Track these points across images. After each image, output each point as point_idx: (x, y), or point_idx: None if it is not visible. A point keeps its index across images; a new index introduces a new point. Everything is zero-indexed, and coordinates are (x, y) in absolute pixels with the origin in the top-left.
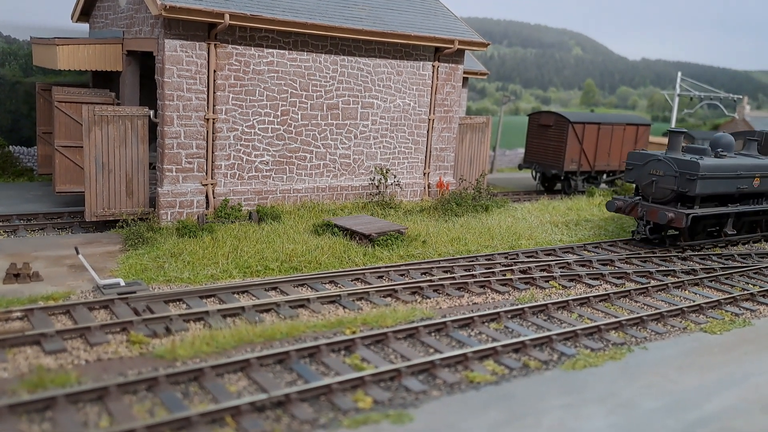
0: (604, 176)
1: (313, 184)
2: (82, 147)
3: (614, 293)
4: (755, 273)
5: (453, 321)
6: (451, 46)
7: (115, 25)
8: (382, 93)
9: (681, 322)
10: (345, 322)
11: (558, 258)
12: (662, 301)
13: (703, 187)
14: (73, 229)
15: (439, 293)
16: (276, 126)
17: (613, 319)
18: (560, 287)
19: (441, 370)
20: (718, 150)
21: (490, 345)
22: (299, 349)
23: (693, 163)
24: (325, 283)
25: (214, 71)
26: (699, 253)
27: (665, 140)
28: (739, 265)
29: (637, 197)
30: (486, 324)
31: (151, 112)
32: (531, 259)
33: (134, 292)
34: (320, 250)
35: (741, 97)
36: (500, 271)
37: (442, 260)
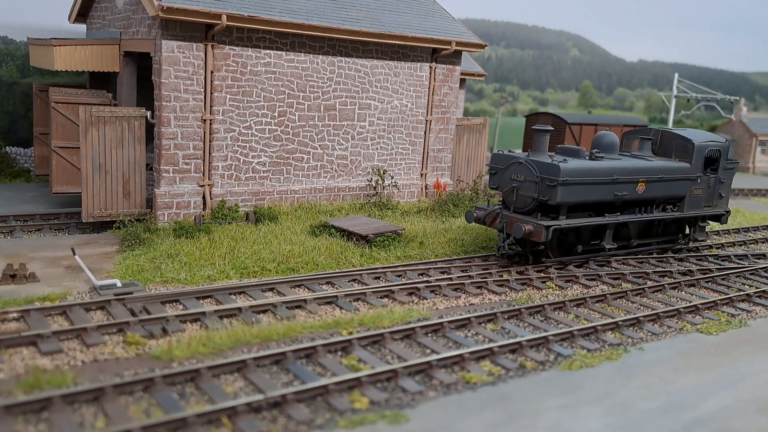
0: None
1: (311, 185)
2: (79, 148)
3: (611, 294)
4: (751, 274)
5: (450, 322)
6: (449, 47)
7: (113, 25)
8: (380, 94)
9: (677, 322)
10: (342, 322)
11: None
12: (659, 302)
13: (566, 195)
14: (69, 230)
15: (436, 294)
16: (273, 127)
17: (610, 320)
18: (557, 288)
19: (437, 371)
20: (595, 151)
21: (486, 346)
22: (296, 350)
23: (553, 166)
24: (322, 284)
25: (212, 72)
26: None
27: None
28: (736, 266)
29: (497, 206)
30: (483, 325)
31: (148, 113)
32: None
33: (131, 293)
34: (317, 251)
35: (738, 98)
36: (497, 271)
37: (439, 261)
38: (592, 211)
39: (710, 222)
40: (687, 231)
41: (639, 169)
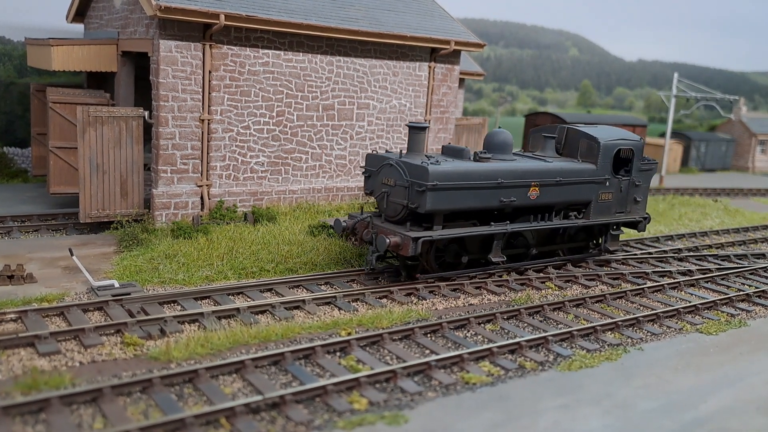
0: None
1: (309, 185)
2: (76, 148)
3: (610, 294)
4: (751, 273)
5: (449, 322)
6: (447, 46)
7: (110, 25)
8: (378, 94)
9: (677, 322)
10: (340, 323)
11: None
12: (658, 302)
13: (437, 202)
14: (67, 230)
15: (435, 294)
16: (271, 127)
17: (609, 320)
18: (556, 288)
19: (436, 372)
20: (481, 152)
21: (485, 346)
22: (294, 351)
23: (422, 169)
24: (321, 285)
25: (210, 72)
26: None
27: (662, 141)
28: (735, 265)
29: (369, 214)
30: (482, 325)
31: (146, 113)
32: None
33: (129, 294)
34: (316, 251)
35: (737, 98)
36: (496, 272)
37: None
38: (476, 220)
39: (627, 230)
40: (601, 240)
41: (531, 172)
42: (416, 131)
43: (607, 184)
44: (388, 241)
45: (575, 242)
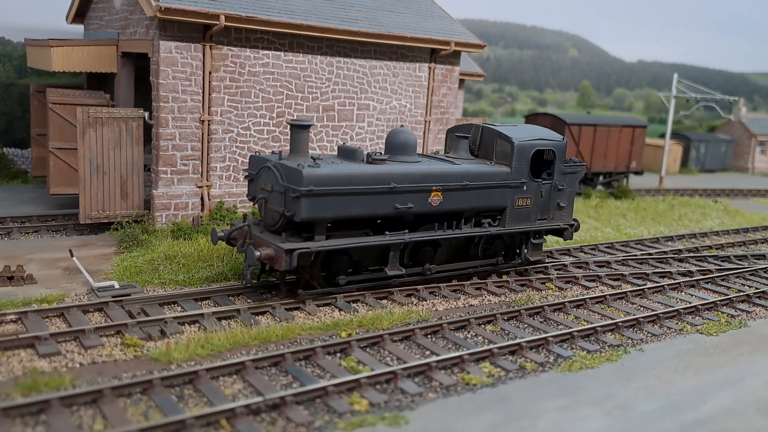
0: (601, 178)
1: None
2: (76, 149)
3: (611, 295)
4: (751, 274)
5: (449, 323)
6: (447, 47)
7: (110, 26)
8: (378, 95)
9: (677, 323)
10: (341, 324)
11: (554, 260)
12: (658, 302)
13: (315, 209)
14: (67, 231)
15: (435, 295)
16: (272, 128)
17: (610, 321)
18: (556, 289)
19: (437, 373)
20: (375, 153)
21: (486, 347)
22: (295, 352)
23: (296, 172)
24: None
25: (210, 73)
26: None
27: (661, 141)
28: (735, 266)
29: (247, 223)
30: (482, 326)
31: (146, 114)
32: None
33: (129, 295)
34: None
35: (737, 99)
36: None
37: None
38: (369, 229)
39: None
40: (523, 248)
41: (432, 176)
42: (298, 130)
43: (525, 188)
44: (258, 253)
45: (493, 253)
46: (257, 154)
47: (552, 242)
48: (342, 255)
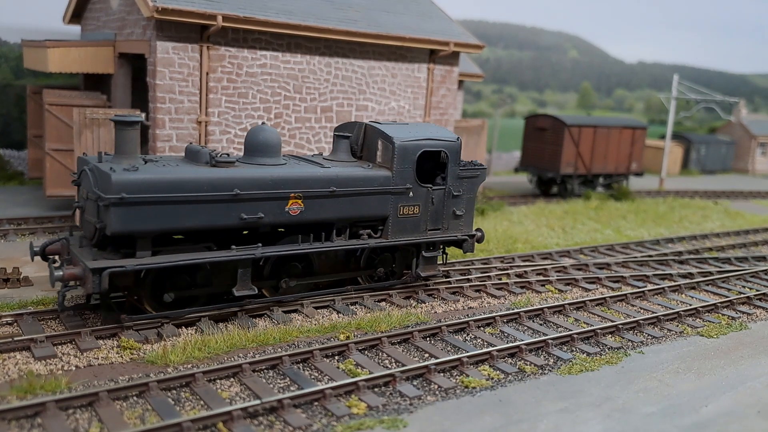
0: (601, 179)
1: None
2: (73, 150)
3: (611, 297)
4: (752, 276)
5: (448, 325)
6: (446, 48)
7: (107, 27)
8: (377, 95)
9: (677, 325)
10: (339, 326)
11: (554, 262)
12: (659, 305)
13: (130, 220)
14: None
15: (434, 297)
16: None
17: (610, 323)
18: (556, 291)
19: (436, 375)
20: (222, 155)
21: (485, 350)
22: (292, 355)
23: (105, 177)
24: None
25: (207, 73)
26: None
27: (662, 143)
28: (736, 268)
29: (64, 236)
30: (481, 328)
31: (143, 115)
32: (527, 263)
33: None
34: None
35: (737, 100)
36: (496, 275)
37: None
38: (214, 242)
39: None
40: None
41: (289, 181)
42: (122, 127)
43: (411, 194)
44: (61, 273)
45: (384, 267)
46: (84, 155)
47: (552, 244)
48: (182, 274)
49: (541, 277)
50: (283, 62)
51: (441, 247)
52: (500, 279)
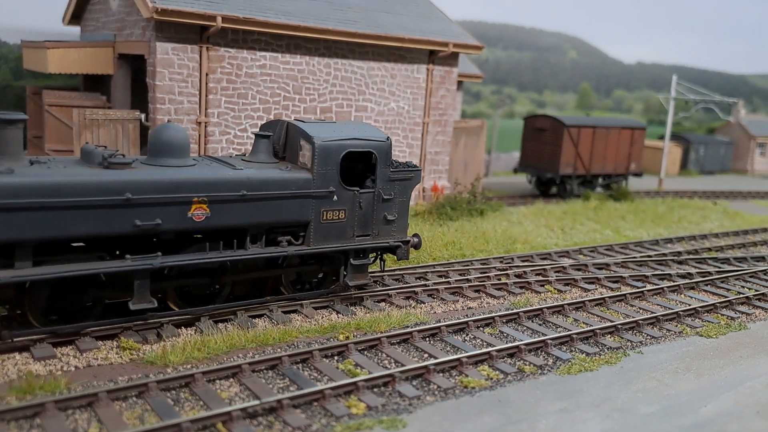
0: (600, 180)
1: None
2: (72, 151)
3: (610, 297)
4: (751, 276)
5: (447, 326)
6: (446, 49)
7: (107, 27)
8: (376, 96)
9: (677, 326)
10: (338, 327)
11: (554, 262)
12: (658, 305)
13: (4, 227)
14: None
15: (434, 298)
16: None
17: (609, 324)
18: (556, 291)
19: (435, 376)
20: (117, 155)
21: (484, 350)
22: (292, 355)
23: None
24: None
25: (206, 74)
26: None
27: (661, 143)
28: (735, 268)
29: None
30: (481, 329)
31: (143, 116)
32: (526, 263)
33: None
34: None
35: (736, 100)
36: (495, 275)
37: (436, 264)
38: (107, 251)
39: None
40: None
41: (191, 184)
42: (2, 126)
43: (335, 198)
44: None
45: (307, 276)
46: None
47: (551, 244)
48: (72, 286)
49: (540, 278)
50: (283, 63)
51: (377, 254)
52: (499, 279)
